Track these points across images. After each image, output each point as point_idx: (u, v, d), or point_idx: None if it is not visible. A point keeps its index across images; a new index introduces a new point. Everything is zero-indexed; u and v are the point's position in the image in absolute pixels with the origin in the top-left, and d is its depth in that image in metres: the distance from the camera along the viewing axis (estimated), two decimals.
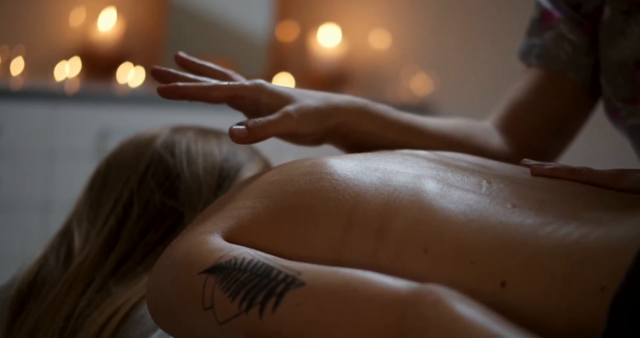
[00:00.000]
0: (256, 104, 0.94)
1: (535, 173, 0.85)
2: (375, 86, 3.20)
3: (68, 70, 2.77)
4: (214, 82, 0.94)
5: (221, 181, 1.08)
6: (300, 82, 3.16)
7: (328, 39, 3.20)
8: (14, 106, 2.48)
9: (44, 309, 1.04)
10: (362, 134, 1.00)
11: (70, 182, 1.98)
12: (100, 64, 2.93)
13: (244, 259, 0.74)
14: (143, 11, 3.12)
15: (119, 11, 3.00)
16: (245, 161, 1.11)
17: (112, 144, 1.17)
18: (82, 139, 2.57)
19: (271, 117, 0.92)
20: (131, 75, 2.85)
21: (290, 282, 0.71)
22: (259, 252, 0.76)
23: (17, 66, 2.69)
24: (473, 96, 3.01)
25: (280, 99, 0.94)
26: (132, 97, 2.69)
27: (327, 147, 1.03)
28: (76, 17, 2.97)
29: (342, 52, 3.22)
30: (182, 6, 3.16)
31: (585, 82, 1.14)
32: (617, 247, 0.67)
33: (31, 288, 1.07)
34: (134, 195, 1.08)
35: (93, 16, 2.97)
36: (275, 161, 1.17)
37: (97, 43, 2.94)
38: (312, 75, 3.20)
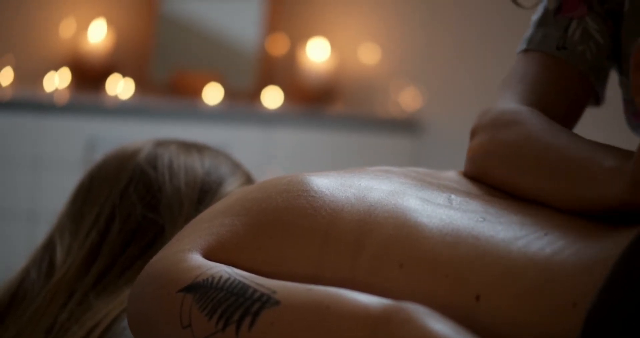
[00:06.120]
0: None
1: None
2: (364, 100, 3.21)
3: (57, 81, 2.77)
4: None
5: (203, 195, 1.09)
6: (289, 96, 3.16)
7: (317, 53, 3.21)
8: (2, 116, 2.48)
9: (25, 322, 1.05)
10: None
11: (57, 193, 1.98)
12: (89, 75, 2.93)
13: (220, 277, 0.75)
14: (133, 23, 3.13)
15: (108, 22, 3.00)
16: (227, 175, 1.12)
17: (100, 155, 1.17)
18: (70, 149, 2.56)
19: None
20: (120, 87, 2.85)
21: (266, 300, 0.72)
22: (235, 270, 0.76)
23: (6, 76, 2.69)
24: (462, 110, 3.01)
25: None
26: (120, 109, 2.69)
27: (311, 165, 1.02)
28: (66, 28, 2.97)
29: (331, 65, 3.22)
30: (172, 18, 3.17)
31: (599, 88, 1.05)
32: (589, 264, 0.68)
33: (12, 301, 1.08)
34: (115, 208, 1.08)
35: (83, 27, 2.97)
36: (258, 175, 1.17)
37: (86, 54, 2.94)
38: (300, 89, 3.20)
